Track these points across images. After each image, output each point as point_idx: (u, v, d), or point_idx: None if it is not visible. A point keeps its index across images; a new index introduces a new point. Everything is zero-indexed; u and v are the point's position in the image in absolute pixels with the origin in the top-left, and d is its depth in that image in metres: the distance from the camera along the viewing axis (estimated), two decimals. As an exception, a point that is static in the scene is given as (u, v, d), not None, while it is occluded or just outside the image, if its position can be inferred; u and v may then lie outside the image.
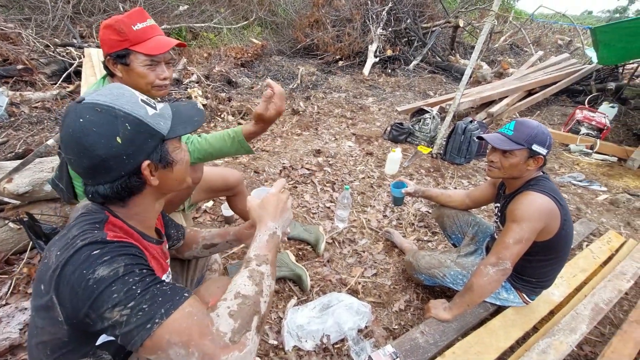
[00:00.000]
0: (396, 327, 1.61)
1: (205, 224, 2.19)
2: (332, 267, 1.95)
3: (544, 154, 1.29)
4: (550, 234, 1.29)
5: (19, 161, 1.79)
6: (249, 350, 0.64)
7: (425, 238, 2.26)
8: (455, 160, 3.24)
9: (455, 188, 2.90)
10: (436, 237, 2.27)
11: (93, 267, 0.60)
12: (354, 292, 1.79)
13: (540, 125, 1.31)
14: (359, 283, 1.85)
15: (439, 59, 7.07)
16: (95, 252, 0.62)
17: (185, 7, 6.58)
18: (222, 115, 3.66)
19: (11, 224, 1.65)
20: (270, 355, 1.42)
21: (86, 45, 4.42)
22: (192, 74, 4.55)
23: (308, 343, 1.46)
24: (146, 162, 0.71)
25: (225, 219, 2.19)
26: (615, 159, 3.57)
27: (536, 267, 1.39)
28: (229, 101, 3.96)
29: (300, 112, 4.05)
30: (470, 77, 4.96)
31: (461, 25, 7.09)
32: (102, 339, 0.71)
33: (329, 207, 2.48)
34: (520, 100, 4.78)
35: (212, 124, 3.54)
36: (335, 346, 1.48)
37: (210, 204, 2.33)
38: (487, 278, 1.29)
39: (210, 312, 0.66)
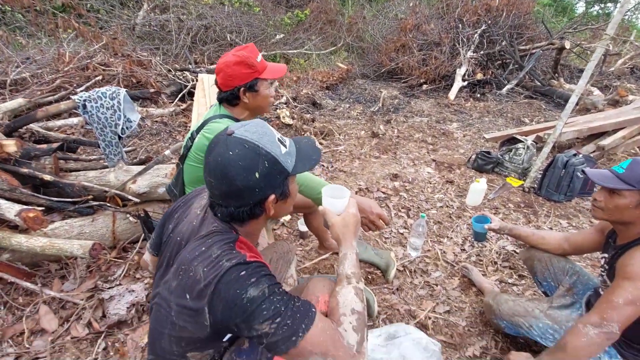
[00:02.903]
0: (469, 373, 1.48)
1: (282, 236, 2.33)
2: (401, 296, 1.89)
3: None
4: (676, 299, 1.07)
5: (141, 166, 2.16)
6: (366, 357, 0.80)
7: (510, 280, 2.05)
8: (553, 197, 2.89)
9: (551, 229, 2.58)
10: (523, 282, 2.04)
11: (245, 288, 0.73)
12: (422, 327, 1.71)
13: None
14: (429, 318, 1.76)
15: (539, 83, 6.45)
16: (242, 273, 0.75)
17: (282, 36, 7.25)
18: (306, 135, 3.88)
19: (131, 218, 1.99)
20: (333, 375, 1.43)
21: (199, 69, 5.16)
22: (282, 95, 4.95)
23: (371, 371, 1.43)
24: (272, 196, 0.83)
25: (301, 233, 2.30)
26: None
27: (653, 336, 1.16)
28: (313, 122, 4.19)
29: (380, 135, 4.07)
30: (576, 104, 4.42)
31: (567, 47, 6.39)
32: (228, 336, 0.85)
33: (402, 234, 2.43)
34: (642, 132, 4.07)
35: (295, 143, 3.78)
36: (399, 380, 1.42)
37: (288, 218, 2.47)
38: (585, 339, 1.12)
39: (336, 326, 0.80)
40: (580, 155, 2.91)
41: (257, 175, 0.78)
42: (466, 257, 2.23)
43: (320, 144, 3.79)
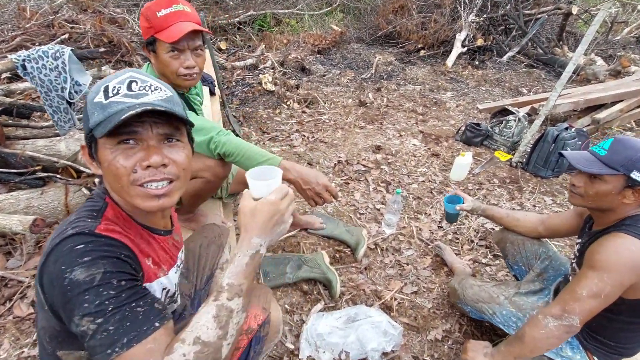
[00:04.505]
0: (427, 358, 1.43)
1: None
2: (368, 275, 1.82)
3: None
4: (645, 293, 0.98)
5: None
6: None
7: (484, 261, 1.97)
8: (540, 173, 2.77)
9: (534, 206, 2.48)
10: (497, 262, 1.96)
11: (72, 266, 0.59)
12: (387, 308, 1.64)
13: None
14: (395, 299, 1.69)
15: (541, 51, 6.12)
16: (78, 247, 0.60)
17: (272, -8, 6.75)
18: (288, 103, 3.67)
19: (84, 190, 1.86)
20: (285, 359, 1.38)
21: (179, 29, 4.82)
22: (267, 59, 4.66)
23: (325, 355, 1.38)
24: (83, 143, 0.68)
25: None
26: None
27: (618, 328, 1.09)
28: (297, 88, 3.96)
29: (368, 104, 3.87)
30: (576, 74, 4.16)
31: (574, 12, 5.99)
32: None
33: (378, 209, 2.33)
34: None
35: (277, 111, 3.59)
36: (354, 365, 1.37)
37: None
38: (544, 332, 1.04)
39: (166, 354, 0.60)
40: (573, 129, 2.75)
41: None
42: (442, 235, 2.14)
43: (304, 112, 3.60)
